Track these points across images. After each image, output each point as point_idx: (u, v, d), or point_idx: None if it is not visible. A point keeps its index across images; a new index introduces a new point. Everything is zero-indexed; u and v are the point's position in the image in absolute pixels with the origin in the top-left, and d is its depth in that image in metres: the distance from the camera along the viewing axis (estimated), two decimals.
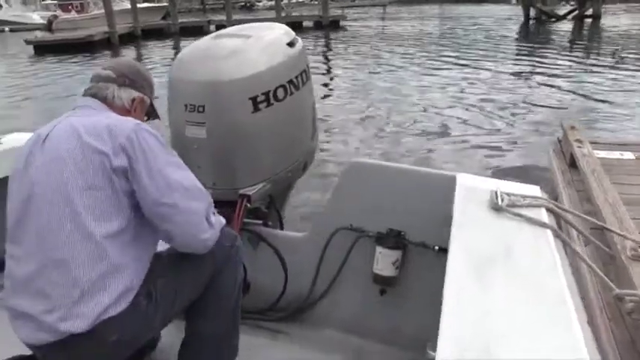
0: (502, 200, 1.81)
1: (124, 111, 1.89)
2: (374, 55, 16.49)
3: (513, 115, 8.81)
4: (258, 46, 2.39)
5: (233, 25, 2.63)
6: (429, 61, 14.80)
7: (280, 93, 2.38)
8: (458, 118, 8.67)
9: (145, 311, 1.67)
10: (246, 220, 2.45)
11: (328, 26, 24.83)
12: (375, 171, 2.30)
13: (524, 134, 7.78)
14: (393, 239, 2.20)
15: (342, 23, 26.07)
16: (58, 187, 1.59)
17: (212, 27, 24.12)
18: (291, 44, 2.50)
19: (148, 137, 1.68)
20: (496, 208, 1.78)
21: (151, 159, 1.65)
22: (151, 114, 2.02)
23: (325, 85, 12.29)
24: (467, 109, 9.19)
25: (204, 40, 2.48)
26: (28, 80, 14.96)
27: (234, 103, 2.29)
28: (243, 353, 2.26)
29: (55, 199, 1.59)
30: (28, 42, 21.42)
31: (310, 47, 18.85)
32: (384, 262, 2.21)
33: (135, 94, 1.91)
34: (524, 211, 1.77)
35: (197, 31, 22.71)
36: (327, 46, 20.05)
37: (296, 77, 2.48)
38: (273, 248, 2.46)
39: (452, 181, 2.03)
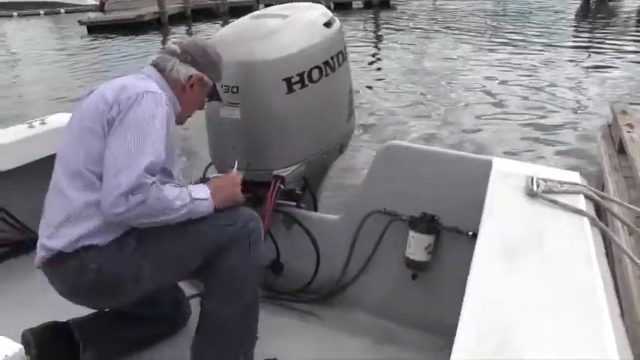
0: (538, 186, 1.76)
1: (179, 85, 1.96)
2: (424, 35, 16.00)
3: (565, 98, 8.52)
4: (295, 26, 2.37)
5: (281, 3, 2.61)
6: (483, 41, 14.32)
7: (315, 74, 2.36)
8: (508, 100, 8.42)
9: (131, 254, 1.78)
10: (279, 201, 2.46)
11: (377, 6, 24.46)
12: (410, 154, 2.26)
13: (574, 118, 7.52)
14: (426, 224, 2.16)
15: (392, 2, 25.62)
16: (75, 126, 1.84)
17: (261, 6, 24.07)
18: (328, 24, 2.47)
19: (146, 104, 1.74)
20: (531, 194, 1.73)
21: (126, 121, 1.73)
22: (212, 95, 2.07)
23: (372, 65, 12.04)
24: (518, 92, 8.90)
25: (242, 21, 2.48)
26: (80, 59, 15.30)
27: (267, 84, 2.28)
28: (274, 334, 2.28)
29: (73, 136, 1.83)
30: (81, 23, 21.85)
31: (360, 28, 18.52)
32: (417, 246, 2.18)
33: (193, 71, 1.96)
34: (560, 198, 1.71)
35: (246, 11, 22.37)
36: (377, 26, 19.64)
37: (332, 58, 2.45)
38: (306, 230, 2.46)
39: (488, 165, 1.99)
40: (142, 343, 2.12)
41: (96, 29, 21.05)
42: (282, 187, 2.39)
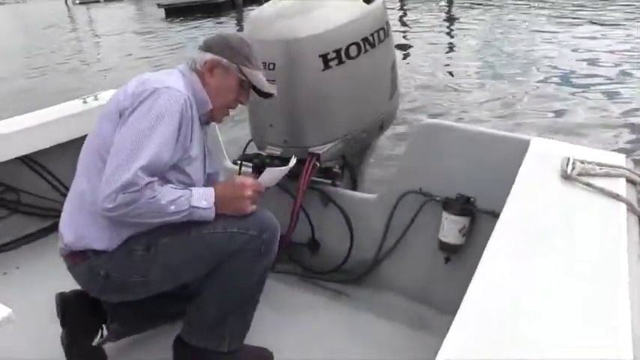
0: (573, 168, 1.65)
1: (201, 74, 1.93)
2: (496, 11, 15.16)
3: None
4: (332, 2, 2.32)
5: None
6: (561, 18, 13.50)
7: (353, 50, 2.31)
8: (580, 85, 7.89)
9: (138, 262, 1.80)
10: (315, 178, 2.43)
11: None
12: (448, 132, 2.17)
13: None
14: (460, 205, 2.08)
15: None
16: (103, 111, 1.87)
17: None
18: (368, 0, 2.40)
19: (159, 100, 1.73)
20: (565, 176, 1.63)
21: (135, 114, 1.72)
22: (243, 83, 1.96)
23: (434, 43, 11.53)
24: (592, 76, 8.34)
25: None
26: (158, 43, 15.73)
27: (303, 61, 2.25)
28: (305, 312, 2.29)
29: (99, 120, 1.86)
30: (160, 5, 22.49)
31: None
32: (450, 228, 2.10)
33: (209, 56, 1.92)
34: (597, 181, 1.60)
35: None
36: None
37: (372, 35, 2.39)
38: (340, 209, 2.43)
39: (526, 145, 1.89)
40: (168, 318, 2.15)
41: (173, 11, 21.55)
42: (317, 164, 2.36)
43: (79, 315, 2.03)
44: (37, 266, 2.69)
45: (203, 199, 1.79)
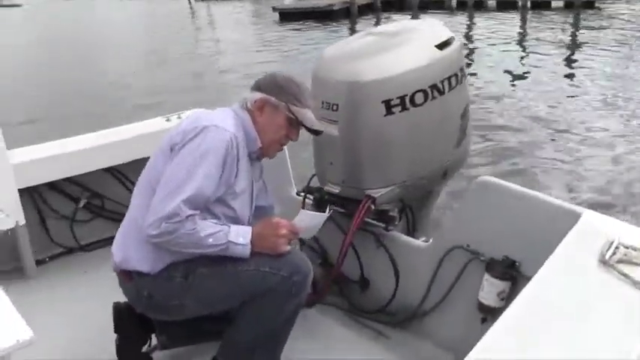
0: (614, 253, 1.59)
1: (251, 112, 2.04)
2: (630, 44, 13.73)
3: None
4: (402, 47, 2.34)
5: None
6: None
7: (419, 98, 2.31)
8: None
9: (177, 287, 1.94)
10: (369, 220, 2.46)
11: (580, 6, 22.49)
12: (502, 192, 2.14)
13: None
14: (502, 269, 2.04)
15: (597, 4, 23.43)
16: (157, 149, 2.02)
17: (453, 2, 23.55)
18: (442, 46, 2.40)
19: (206, 137, 1.85)
20: (602, 261, 1.57)
21: (184, 150, 1.85)
22: (292, 121, 2.03)
23: (563, 73, 10.76)
24: None
25: (350, 39, 2.51)
26: (270, 44, 16.23)
27: (366, 105, 2.28)
28: (342, 348, 2.34)
29: (152, 159, 2.03)
30: (274, 9, 23.19)
31: (556, 28, 16.95)
32: (490, 290, 2.07)
33: (258, 95, 2.02)
34: (635, 271, 1.53)
35: (438, 6, 22.40)
36: (576, 28, 17.79)
37: (442, 81, 2.38)
38: (389, 253, 2.45)
39: (576, 217, 1.84)
40: (211, 336, 2.26)
41: (287, 16, 22.16)
42: (372, 207, 2.39)
43: (130, 324, 2.19)
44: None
45: (241, 236, 1.90)
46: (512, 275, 2.04)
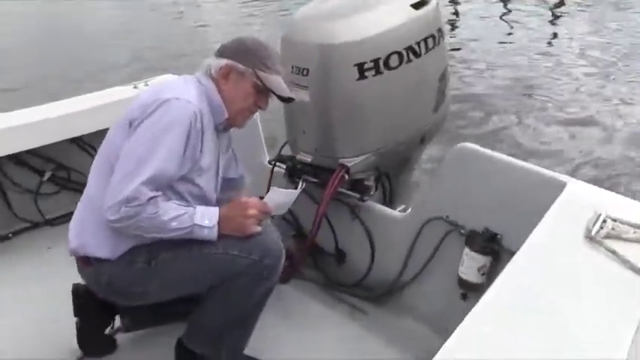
0: (601, 227, 1.48)
1: (216, 81, 1.87)
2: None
3: None
4: (375, 7, 2.19)
5: None
6: None
7: (393, 60, 2.17)
8: None
9: (139, 272, 1.80)
10: (343, 190, 2.34)
11: None
12: (481, 159, 2.02)
13: None
14: (483, 242, 1.94)
15: None
16: (115, 123, 1.86)
17: None
18: (417, 5, 2.25)
19: (168, 111, 1.69)
20: (589, 237, 1.47)
21: (143, 125, 1.70)
22: (260, 88, 1.87)
23: (542, 38, 9.32)
24: None
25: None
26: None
27: (337, 69, 2.14)
28: (316, 324, 2.27)
29: (109, 134, 1.87)
30: None
31: None
32: (469, 265, 1.97)
33: (223, 61, 1.85)
34: (624, 247, 1.43)
35: None
36: None
37: (417, 43, 2.24)
38: (364, 225, 2.34)
39: (561, 187, 1.73)
40: (179, 317, 2.15)
41: None
42: (346, 176, 2.27)
43: (90, 308, 2.07)
44: None
45: (206, 218, 1.75)
46: (494, 249, 1.93)
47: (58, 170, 3.05)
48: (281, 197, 1.94)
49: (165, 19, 11.95)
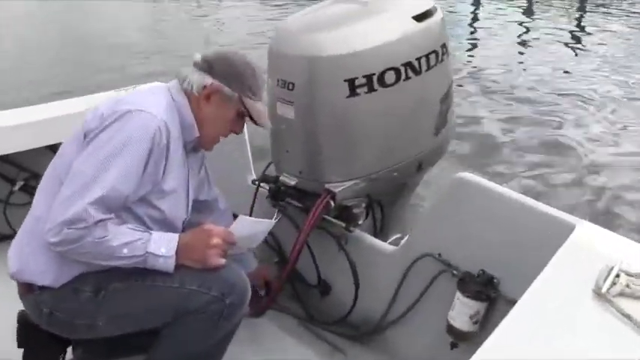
0: (613, 284, 1.25)
1: (195, 99, 1.67)
2: None
3: None
4: (372, 18, 1.99)
5: None
6: None
7: (389, 77, 1.96)
8: None
9: (85, 304, 1.60)
10: (329, 218, 2.12)
11: None
12: (483, 193, 1.78)
13: None
14: (478, 286, 1.69)
15: None
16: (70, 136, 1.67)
17: None
18: (419, 17, 2.04)
19: (128, 125, 1.49)
20: (598, 293, 1.23)
21: (99, 138, 1.51)
22: (241, 114, 1.70)
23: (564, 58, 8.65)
24: None
25: (314, 8, 2.13)
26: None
27: (325, 84, 1.93)
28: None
29: (62, 147, 1.70)
30: None
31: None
32: (460, 311, 1.72)
33: (209, 80, 1.64)
34: (632, 308, 1.19)
35: None
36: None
37: (418, 59, 2.03)
38: (349, 258, 2.11)
39: (570, 230, 1.50)
40: (135, 350, 1.94)
41: None
42: (331, 203, 2.05)
43: (37, 338, 1.83)
44: None
45: (163, 246, 1.55)
46: (489, 295, 1.69)
47: (31, 180, 2.85)
48: (250, 227, 1.73)
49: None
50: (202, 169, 1.93)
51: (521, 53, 9.09)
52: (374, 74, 1.93)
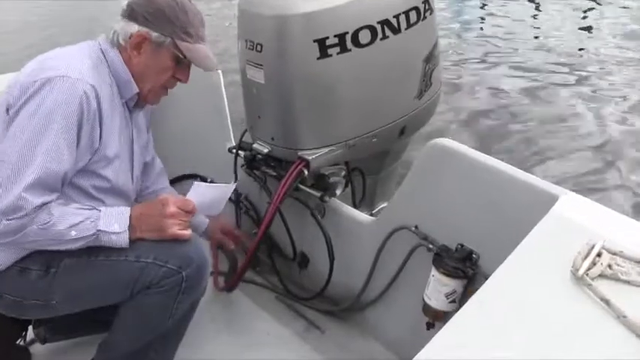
0: (593, 264, 1.12)
1: (125, 52, 1.54)
2: None
3: None
4: None
5: None
6: None
7: (364, 36, 1.81)
8: None
9: (35, 282, 1.50)
10: (303, 187, 2.00)
11: None
12: (462, 161, 1.64)
13: None
14: (453, 263, 1.57)
15: None
16: None
17: None
18: None
19: (50, 96, 1.36)
20: (577, 276, 1.11)
21: (21, 115, 1.37)
22: (180, 59, 1.58)
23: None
24: None
25: None
26: None
27: (294, 45, 1.78)
28: (264, 344, 1.95)
29: None
30: None
31: None
32: (435, 290, 1.61)
33: (134, 27, 1.51)
34: (620, 292, 1.07)
35: None
36: None
37: (396, 16, 1.87)
38: (322, 230, 1.99)
39: (552, 201, 1.37)
40: (100, 326, 1.86)
41: None
42: (305, 172, 1.93)
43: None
44: None
45: (115, 221, 1.45)
46: (466, 272, 1.57)
47: None
48: (207, 194, 1.62)
49: None
50: (149, 129, 1.83)
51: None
52: (347, 33, 1.78)
